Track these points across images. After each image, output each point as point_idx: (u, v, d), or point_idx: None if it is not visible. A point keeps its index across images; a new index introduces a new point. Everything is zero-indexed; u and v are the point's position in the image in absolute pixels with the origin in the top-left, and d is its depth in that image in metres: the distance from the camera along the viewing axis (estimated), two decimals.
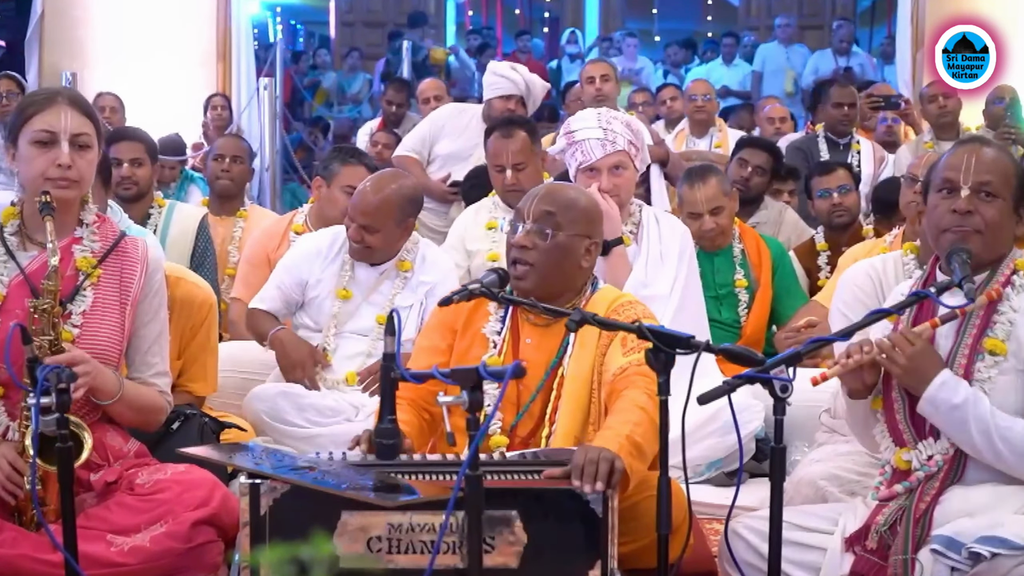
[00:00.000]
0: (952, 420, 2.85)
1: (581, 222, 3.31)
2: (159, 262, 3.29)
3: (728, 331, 4.92)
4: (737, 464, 3.98)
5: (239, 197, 5.95)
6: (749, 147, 6.14)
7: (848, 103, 7.23)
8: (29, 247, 3.15)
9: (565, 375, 3.26)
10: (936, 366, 2.87)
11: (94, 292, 3.12)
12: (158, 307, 3.25)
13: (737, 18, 18.40)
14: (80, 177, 3.08)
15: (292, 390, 4.24)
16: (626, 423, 2.96)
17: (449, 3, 19.16)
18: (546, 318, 3.31)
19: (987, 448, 2.84)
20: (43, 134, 3.06)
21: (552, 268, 3.26)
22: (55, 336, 3.00)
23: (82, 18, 9.33)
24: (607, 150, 4.30)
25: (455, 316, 3.37)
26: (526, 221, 3.27)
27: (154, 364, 3.24)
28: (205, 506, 3.06)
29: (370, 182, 4.32)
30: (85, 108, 3.13)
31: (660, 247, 4.39)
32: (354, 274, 4.37)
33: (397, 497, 2.61)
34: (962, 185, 2.94)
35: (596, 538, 2.81)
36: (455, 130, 6.44)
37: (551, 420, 3.26)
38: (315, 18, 19.23)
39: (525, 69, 6.48)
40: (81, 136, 3.08)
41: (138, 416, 3.22)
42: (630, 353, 3.14)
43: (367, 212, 4.25)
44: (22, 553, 2.94)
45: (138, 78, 8.97)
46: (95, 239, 3.17)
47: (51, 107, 3.07)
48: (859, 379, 2.93)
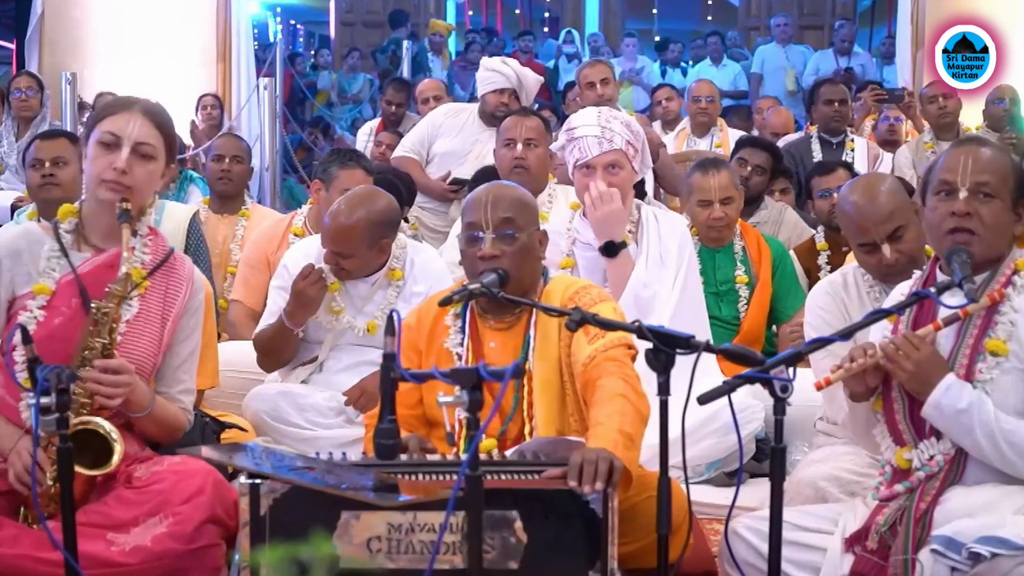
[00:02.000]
0: (957, 425, 2.85)
1: (532, 216, 3.38)
2: (202, 282, 3.33)
3: (727, 328, 4.92)
4: (737, 464, 3.99)
5: (240, 196, 5.96)
6: (749, 147, 6.14)
7: (838, 99, 7.25)
8: (83, 248, 3.17)
9: (532, 370, 3.28)
10: (941, 371, 2.87)
11: (139, 303, 3.14)
12: (195, 326, 3.27)
13: (737, 18, 18.42)
14: (134, 184, 3.08)
15: (292, 390, 4.23)
16: (612, 415, 2.96)
17: (449, 3, 19.17)
18: (507, 320, 3.35)
19: (992, 451, 2.84)
20: (108, 136, 3.09)
21: (521, 268, 3.30)
22: (110, 341, 3.03)
23: (82, 18, 9.35)
24: (603, 148, 4.30)
25: (417, 335, 3.40)
26: (486, 230, 3.28)
27: (183, 381, 3.27)
28: (200, 494, 3.04)
29: (343, 205, 4.14)
30: (158, 121, 3.15)
31: (660, 247, 4.39)
32: (345, 287, 4.29)
33: (397, 497, 2.61)
34: (960, 186, 2.94)
35: (596, 538, 2.81)
36: (452, 129, 6.45)
37: (529, 416, 3.28)
38: (315, 18, 19.24)
39: (516, 63, 6.49)
40: (144, 145, 3.10)
41: (160, 431, 3.24)
42: (595, 340, 3.16)
43: (337, 239, 4.13)
44: (22, 553, 2.94)
45: (138, 78, 8.97)
46: (147, 251, 3.18)
47: (123, 112, 3.11)
48: (862, 383, 2.93)
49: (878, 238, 3.57)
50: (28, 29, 9.51)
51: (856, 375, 2.91)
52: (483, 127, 6.37)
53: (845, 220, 3.71)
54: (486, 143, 6.18)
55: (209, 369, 4.11)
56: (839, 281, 3.69)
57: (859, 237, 3.64)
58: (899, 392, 2.96)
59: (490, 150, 5.72)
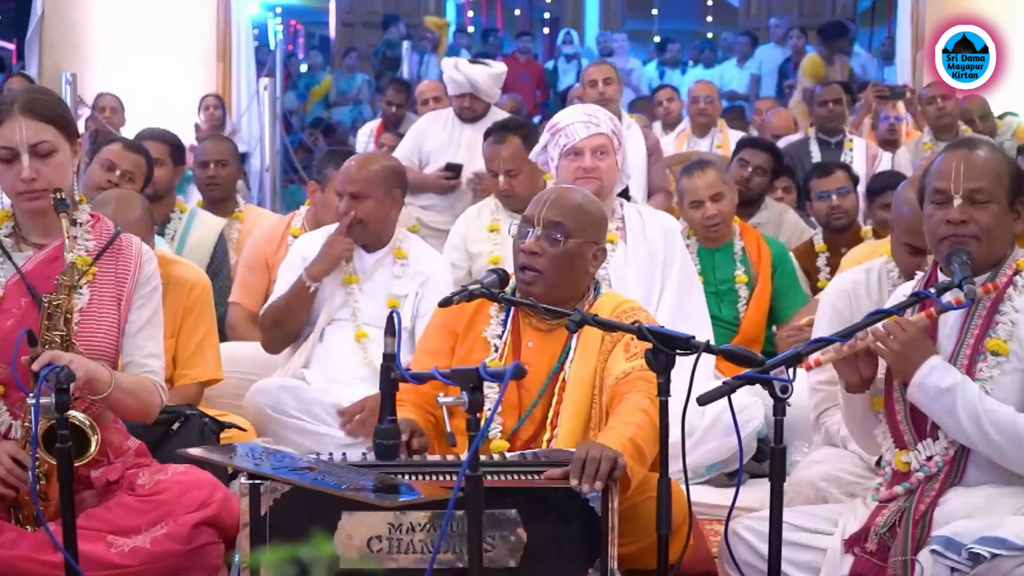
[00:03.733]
0: (941, 405, 2.84)
1: (589, 228, 3.31)
2: (151, 254, 3.26)
3: (727, 328, 4.92)
4: (737, 464, 3.99)
5: (231, 198, 5.85)
6: (749, 147, 6.14)
7: (833, 99, 7.27)
8: (24, 247, 3.15)
9: (567, 380, 3.26)
10: (927, 352, 2.87)
11: (90, 290, 3.10)
12: (149, 295, 3.20)
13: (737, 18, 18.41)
14: (48, 184, 3.02)
15: (294, 385, 4.25)
16: (628, 424, 2.96)
17: (449, 3, 19.16)
18: (549, 323, 3.32)
19: (976, 433, 2.83)
20: (3, 151, 3.02)
21: (560, 274, 3.26)
22: (67, 332, 3.00)
23: (82, 18, 9.34)
24: (590, 131, 4.25)
25: (456, 319, 3.37)
26: (536, 227, 3.27)
27: (143, 346, 3.17)
28: (206, 507, 3.06)
29: (354, 158, 4.40)
30: (43, 112, 3.05)
31: (646, 244, 4.37)
32: (350, 266, 4.35)
33: (397, 497, 2.61)
34: (953, 194, 2.93)
35: (596, 537, 2.81)
36: (436, 131, 6.49)
37: (553, 424, 3.26)
38: (315, 18, 19.23)
39: (466, 63, 6.48)
40: (40, 144, 3.02)
41: (135, 403, 3.13)
42: (633, 359, 3.14)
43: (354, 179, 4.24)
44: (22, 554, 2.94)
45: (138, 78, 8.98)
46: (89, 237, 3.15)
47: (7, 120, 3.01)
48: (855, 371, 2.92)
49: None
50: (28, 29, 9.51)
51: (849, 363, 2.90)
52: (462, 125, 6.42)
53: (898, 219, 3.73)
54: (472, 137, 6.22)
55: (211, 361, 4.12)
56: (860, 278, 3.68)
57: (908, 238, 3.65)
58: (900, 393, 2.96)
59: (478, 141, 5.78)
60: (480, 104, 6.35)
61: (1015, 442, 2.83)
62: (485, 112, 6.39)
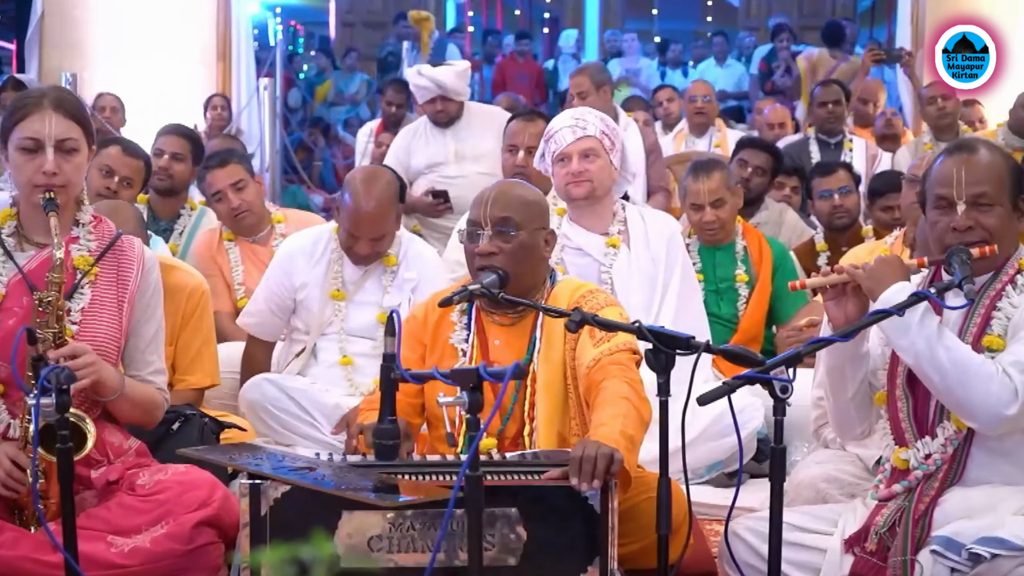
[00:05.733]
0: (898, 323, 2.83)
1: (536, 216, 3.35)
2: (153, 260, 3.30)
3: (726, 326, 4.92)
4: (737, 464, 3.99)
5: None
6: (749, 148, 6.14)
7: (832, 100, 7.28)
8: (27, 247, 3.17)
9: (537, 371, 3.28)
10: (899, 275, 2.90)
11: (92, 290, 3.13)
12: (155, 306, 3.26)
13: (737, 18, 18.43)
14: (67, 181, 3.07)
15: (287, 381, 4.29)
16: (615, 417, 2.96)
17: (449, 3, 19.18)
18: (511, 316, 3.34)
19: (928, 358, 2.81)
20: (28, 141, 3.06)
21: (520, 267, 3.28)
22: (59, 329, 3.02)
23: (82, 18, 9.34)
24: (576, 135, 4.26)
25: (423, 329, 3.40)
26: (485, 227, 3.28)
27: (152, 362, 3.25)
28: (206, 507, 3.07)
29: (361, 191, 4.18)
30: (71, 111, 3.11)
31: (648, 248, 4.37)
32: (338, 280, 4.33)
33: (397, 497, 2.61)
34: (957, 201, 2.93)
35: (595, 535, 2.81)
36: (419, 147, 6.40)
37: (530, 417, 3.28)
38: (315, 18, 19.24)
39: (428, 68, 6.45)
40: (67, 141, 3.07)
41: (138, 412, 3.22)
42: (600, 343, 3.16)
43: (373, 225, 4.20)
44: (22, 554, 2.95)
45: (138, 78, 8.98)
46: (91, 238, 3.18)
47: (36, 113, 3.06)
48: (842, 309, 2.95)
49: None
50: (28, 30, 9.50)
51: (837, 299, 2.94)
52: (440, 131, 6.35)
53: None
54: (451, 141, 6.26)
55: (208, 367, 4.13)
56: None
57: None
58: (903, 390, 2.96)
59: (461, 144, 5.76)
60: (452, 104, 6.28)
61: (960, 368, 2.80)
62: (459, 112, 6.33)
